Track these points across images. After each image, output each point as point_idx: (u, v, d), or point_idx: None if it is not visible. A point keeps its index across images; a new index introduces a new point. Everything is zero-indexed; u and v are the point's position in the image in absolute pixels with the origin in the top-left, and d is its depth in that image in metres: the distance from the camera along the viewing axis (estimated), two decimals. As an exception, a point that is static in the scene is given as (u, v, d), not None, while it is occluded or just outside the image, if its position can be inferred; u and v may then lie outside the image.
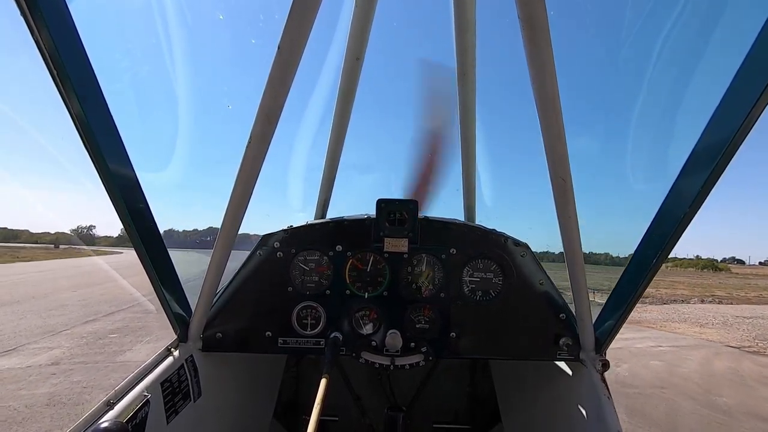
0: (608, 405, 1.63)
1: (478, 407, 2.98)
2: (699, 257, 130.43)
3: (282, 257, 1.89)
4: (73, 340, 8.16)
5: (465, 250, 1.91)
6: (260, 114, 1.20)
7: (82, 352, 7.33)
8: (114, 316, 10.61)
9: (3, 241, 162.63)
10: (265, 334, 1.85)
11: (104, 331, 9.01)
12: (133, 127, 1.57)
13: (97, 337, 8.42)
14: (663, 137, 22.74)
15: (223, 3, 2.47)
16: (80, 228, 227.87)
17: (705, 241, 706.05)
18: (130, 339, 8.33)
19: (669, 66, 4.59)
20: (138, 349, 7.57)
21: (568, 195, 1.35)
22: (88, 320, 10.10)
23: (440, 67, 2.07)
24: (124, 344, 7.92)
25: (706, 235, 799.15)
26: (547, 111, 1.15)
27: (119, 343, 8.02)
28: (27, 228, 50.99)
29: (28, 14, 1.00)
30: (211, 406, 1.84)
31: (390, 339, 1.80)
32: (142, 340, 8.20)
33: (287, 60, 1.09)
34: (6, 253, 49.92)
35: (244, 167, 1.32)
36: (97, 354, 7.25)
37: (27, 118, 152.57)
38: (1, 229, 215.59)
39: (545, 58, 1.03)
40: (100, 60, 1.24)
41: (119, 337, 8.52)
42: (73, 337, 8.39)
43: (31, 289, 16.02)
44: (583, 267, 1.59)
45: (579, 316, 1.73)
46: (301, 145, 3.21)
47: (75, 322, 9.77)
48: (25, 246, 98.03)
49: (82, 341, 8.11)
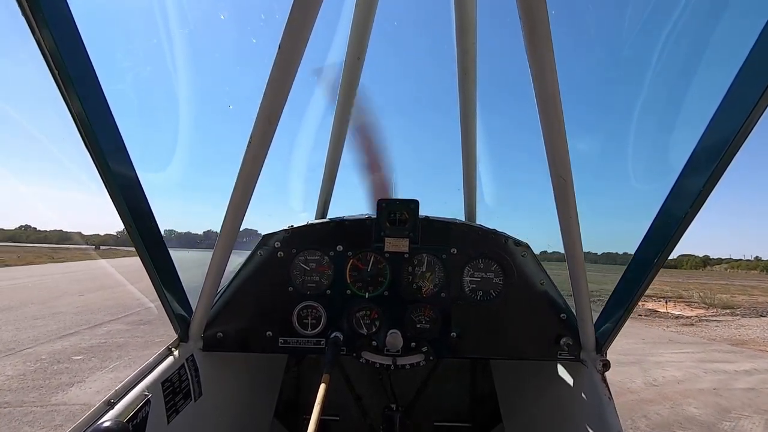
0: (609, 405, 1.63)
1: (479, 407, 2.98)
2: (759, 258, 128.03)
3: (283, 257, 1.89)
4: (25, 364, 6.69)
5: (466, 250, 1.91)
6: (261, 114, 1.20)
7: (18, 385, 5.81)
8: (98, 329, 9.42)
9: (57, 242, 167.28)
10: (265, 334, 1.85)
11: (72, 350, 7.63)
12: (134, 127, 1.57)
13: (55, 360, 6.96)
14: (664, 137, 22.40)
15: (224, 3, 2.49)
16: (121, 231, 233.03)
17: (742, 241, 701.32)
18: (93, 364, 6.84)
19: (670, 65, 4.57)
20: (92, 381, 6.02)
21: (568, 194, 1.35)
22: (66, 334, 8.83)
23: (331, 67, 2.08)
24: (80, 373, 6.37)
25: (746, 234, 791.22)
26: (548, 110, 1.15)
27: (75, 370, 6.51)
28: (80, 230, 51.75)
29: (29, 14, 1.00)
30: (212, 405, 1.84)
31: (390, 339, 1.80)
32: (106, 366, 6.73)
33: (288, 60, 1.09)
34: (46, 254, 50.18)
35: (245, 167, 1.32)
36: (33, 389, 5.69)
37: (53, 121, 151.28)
38: (57, 231, 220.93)
39: (546, 57, 1.03)
40: (102, 60, 1.24)
41: (83, 360, 7.05)
42: (28, 360, 6.95)
43: (35, 293, 15.48)
44: (584, 267, 1.59)
45: (580, 316, 1.73)
46: (302, 144, 3.21)
47: (48, 337, 8.53)
48: (69, 247, 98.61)
49: (34, 366, 6.66)
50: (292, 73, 1.14)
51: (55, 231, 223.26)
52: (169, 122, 6.34)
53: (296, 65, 1.12)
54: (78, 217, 79.40)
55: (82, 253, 56.75)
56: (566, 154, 1.26)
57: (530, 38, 1.00)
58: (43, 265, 31.43)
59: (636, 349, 9.34)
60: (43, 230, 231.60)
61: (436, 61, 22.66)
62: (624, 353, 8.84)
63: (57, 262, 36.35)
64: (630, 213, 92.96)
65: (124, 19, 2.74)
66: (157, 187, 1.72)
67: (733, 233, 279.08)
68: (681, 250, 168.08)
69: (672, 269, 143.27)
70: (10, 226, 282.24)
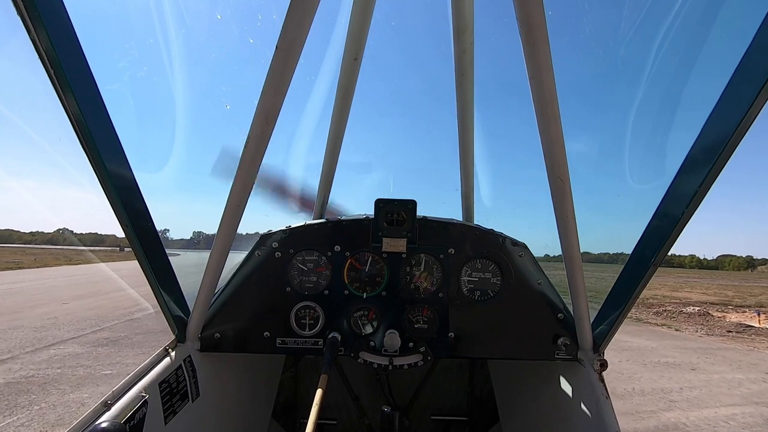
0: (606, 404, 1.63)
1: (477, 406, 2.98)
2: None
3: (280, 257, 1.89)
4: None
5: (463, 250, 1.92)
6: (258, 114, 1.20)
7: None
8: (42, 353, 7.64)
9: (91, 244, 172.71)
10: (263, 335, 1.85)
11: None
12: (130, 127, 1.57)
13: None
14: (660, 137, 22.77)
15: (221, 3, 2.48)
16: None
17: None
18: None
19: (667, 65, 4.63)
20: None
21: (566, 195, 1.35)
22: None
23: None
24: None
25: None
26: (545, 111, 1.16)
27: None
28: (113, 233, 51.18)
29: (25, 13, 0.99)
30: (210, 406, 1.84)
31: (388, 339, 1.80)
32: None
33: (285, 60, 1.09)
34: (65, 256, 50.04)
35: (243, 167, 1.31)
36: None
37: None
38: (92, 234, 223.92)
39: (543, 58, 1.03)
40: (97, 60, 1.23)
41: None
42: None
43: (13, 300, 13.97)
44: (581, 267, 1.59)
45: (577, 315, 1.74)
46: (300, 145, 3.20)
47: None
48: (93, 249, 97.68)
49: None
50: (290, 73, 1.14)
51: (91, 233, 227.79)
52: (166, 122, 6.22)
53: (294, 65, 1.12)
54: (112, 218, 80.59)
55: (105, 255, 55.59)
56: (563, 155, 1.27)
57: (527, 39, 1.01)
58: (57, 268, 31.20)
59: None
60: (79, 233, 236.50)
61: (433, 61, 22.89)
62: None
63: (72, 264, 36.28)
64: (625, 213, 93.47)
65: (121, 18, 2.74)
66: (155, 187, 1.71)
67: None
68: (686, 251, 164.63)
69: (713, 270, 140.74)
70: (49, 229, 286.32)
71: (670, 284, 35.28)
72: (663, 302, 20.27)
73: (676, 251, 75.01)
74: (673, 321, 15.15)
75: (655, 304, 19.21)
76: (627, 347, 10.06)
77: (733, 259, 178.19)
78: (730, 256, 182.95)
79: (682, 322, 14.83)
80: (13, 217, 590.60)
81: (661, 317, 15.90)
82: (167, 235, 2.50)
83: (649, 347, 10.28)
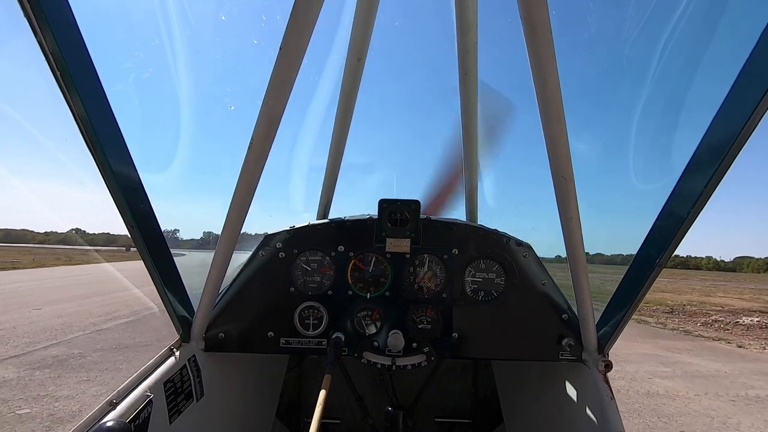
0: (611, 406, 1.62)
1: (481, 407, 2.97)
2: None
3: (284, 257, 1.90)
4: None
5: (467, 250, 1.91)
6: (262, 115, 1.20)
7: None
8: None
9: (104, 244, 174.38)
10: (267, 335, 1.86)
11: None
12: (135, 128, 1.58)
13: None
14: (666, 137, 22.33)
15: (225, 4, 2.50)
16: (165, 231, 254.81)
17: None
18: None
19: (672, 65, 4.57)
20: None
21: (570, 194, 1.35)
22: None
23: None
24: None
25: None
26: (549, 111, 1.15)
27: None
28: (125, 233, 52.39)
29: (32, 15, 1.00)
30: (214, 406, 1.85)
31: (392, 339, 1.79)
32: None
33: (289, 61, 1.10)
34: (65, 255, 49.97)
35: (247, 168, 1.32)
36: None
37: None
38: (105, 234, 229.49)
39: (547, 57, 1.03)
40: (103, 61, 1.24)
41: None
42: None
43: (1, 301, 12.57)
44: (586, 267, 1.59)
45: (582, 316, 1.73)
46: (303, 145, 3.21)
47: None
48: (99, 249, 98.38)
49: None
50: (294, 74, 1.14)
51: (103, 234, 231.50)
52: (170, 123, 6.28)
53: (297, 67, 1.13)
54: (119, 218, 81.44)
55: (110, 255, 54.55)
56: (567, 154, 1.26)
57: (531, 38, 1.00)
58: (53, 268, 30.62)
59: None
60: (92, 233, 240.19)
61: (437, 61, 22.75)
62: None
63: (72, 264, 35.94)
64: (630, 213, 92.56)
65: (126, 20, 2.76)
66: (160, 188, 1.73)
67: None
68: (696, 252, 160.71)
69: (731, 272, 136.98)
70: (63, 229, 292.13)
71: (698, 288, 32.43)
72: (705, 310, 17.28)
73: (692, 253, 73.25)
74: (730, 334, 12.55)
75: (698, 313, 16.44)
76: (695, 372, 7.77)
77: (751, 261, 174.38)
78: (748, 257, 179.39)
79: (740, 336, 12.22)
80: (26, 218, 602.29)
81: (713, 329, 13.36)
82: (177, 236, 2.51)
83: (722, 372, 7.93)
